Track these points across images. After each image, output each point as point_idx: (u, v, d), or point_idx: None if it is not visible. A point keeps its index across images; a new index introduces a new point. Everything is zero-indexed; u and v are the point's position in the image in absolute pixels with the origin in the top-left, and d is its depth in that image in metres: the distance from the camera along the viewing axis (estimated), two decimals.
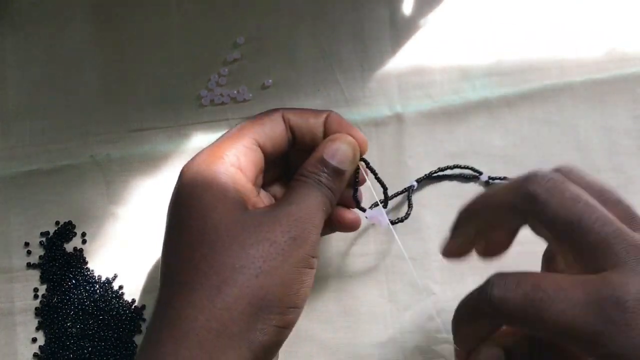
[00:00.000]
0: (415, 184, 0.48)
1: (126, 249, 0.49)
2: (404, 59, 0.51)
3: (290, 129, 0.41)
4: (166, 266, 0.37)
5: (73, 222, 0.49)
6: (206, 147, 0.40)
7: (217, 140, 0.40)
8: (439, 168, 0.49)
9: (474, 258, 0.47)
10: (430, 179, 0.49)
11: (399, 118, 0.50)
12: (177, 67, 0.51)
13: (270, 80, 0.51)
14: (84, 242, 0.49)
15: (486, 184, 0.49)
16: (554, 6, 0.51)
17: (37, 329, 0.47)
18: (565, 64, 0.50)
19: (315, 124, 0.42)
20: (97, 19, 0.52)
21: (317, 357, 0.46)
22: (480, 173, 0.49)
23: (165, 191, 0.49)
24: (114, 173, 0.50)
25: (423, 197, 0.48)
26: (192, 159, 0.39)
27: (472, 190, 0.49)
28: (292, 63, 0.51)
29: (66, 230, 0.49)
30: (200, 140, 0.50)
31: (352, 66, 0.51)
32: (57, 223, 0.49)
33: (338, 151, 0.40)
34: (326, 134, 0.42)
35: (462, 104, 0.50)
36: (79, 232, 0.49)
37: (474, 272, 0.47)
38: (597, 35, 0.51)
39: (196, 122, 0.51)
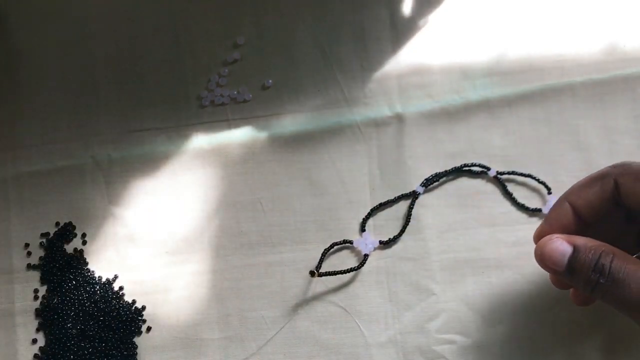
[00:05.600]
0: (420, 189, 0.48)
1: (126, 249, 0.48)
2: (404, 59, 0.51)
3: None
4: None
5: (73, 223, 0.49)
6: None
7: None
8: (445, 171, 0.49)
9: (472, 257, 0.47)
10: (436, 180, 0.49)
11: (399, 118, 0.50)
12: (178, 67, 0.51)
13: (270, 80, 0.51)
14: (84, 242, 0.49)
15: (495, 179, 0.49)
16: (554, 6, 0.51)
17: (38, 330, 0.47)
18: (565, 64, 0.50)
19: None
20: (97, 19, 0.52)
21: (317, 357, 0.46)
22: (488, 169, 0.49)
23: (165, 191, 0.50)
24: (114, 174, 0.50)
25: (423, 198, 0.48)
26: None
27: (478, 187, 0.49)
28: (292, 63, 0.51)
29: (66, 231, 0.49)
30: (200, 140, 0.50)
31: (352, 66, 0.51)
32: (57, 224, 0.49)
33: None
34: None
35: (462, 104, 0.50)
36: (79, 233, 0.49)
37: (474, 272, 0.47)
38: (597, 35, 0.51)
39: (196, 122, 0.50)
